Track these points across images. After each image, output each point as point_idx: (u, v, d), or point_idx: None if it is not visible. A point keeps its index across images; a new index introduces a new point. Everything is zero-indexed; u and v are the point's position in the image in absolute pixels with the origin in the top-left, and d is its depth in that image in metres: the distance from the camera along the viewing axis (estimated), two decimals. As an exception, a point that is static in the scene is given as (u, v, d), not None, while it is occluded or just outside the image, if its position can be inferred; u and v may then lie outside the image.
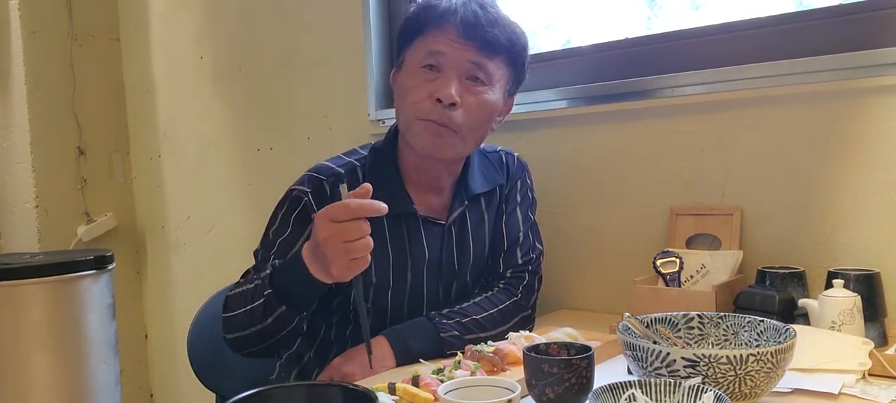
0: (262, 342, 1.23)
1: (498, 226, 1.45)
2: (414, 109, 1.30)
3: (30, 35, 2.60)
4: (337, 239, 1.03)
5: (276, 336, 1.21)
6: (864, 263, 1.30)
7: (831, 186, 1.35)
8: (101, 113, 2.78)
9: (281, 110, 2.29)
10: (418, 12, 1.34)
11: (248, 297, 1.21)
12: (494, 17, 1.31)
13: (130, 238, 2.86)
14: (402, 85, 1.34)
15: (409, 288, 1.36)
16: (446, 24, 1.29)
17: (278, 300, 1.16)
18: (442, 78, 1.29)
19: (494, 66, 1.32)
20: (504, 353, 1.15)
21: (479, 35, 1.29)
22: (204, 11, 2.49)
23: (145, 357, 2.92)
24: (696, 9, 1.65)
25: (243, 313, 1.21)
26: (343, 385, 0.91)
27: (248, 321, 1.21)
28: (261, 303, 1.18)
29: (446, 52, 1.29)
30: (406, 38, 1.35)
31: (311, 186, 1.31)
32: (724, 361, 0.87)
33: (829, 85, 1.34)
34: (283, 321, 1.18)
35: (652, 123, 1.56)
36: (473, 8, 1.30)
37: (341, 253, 1.04)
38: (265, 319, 1.18)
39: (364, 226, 1.04)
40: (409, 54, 1.34)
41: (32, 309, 0.99)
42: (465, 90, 1.30)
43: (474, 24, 1.28)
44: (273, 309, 1.17)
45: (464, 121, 1.29)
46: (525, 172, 1.51)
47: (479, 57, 1.30)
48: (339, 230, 1.03)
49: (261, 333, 1.21)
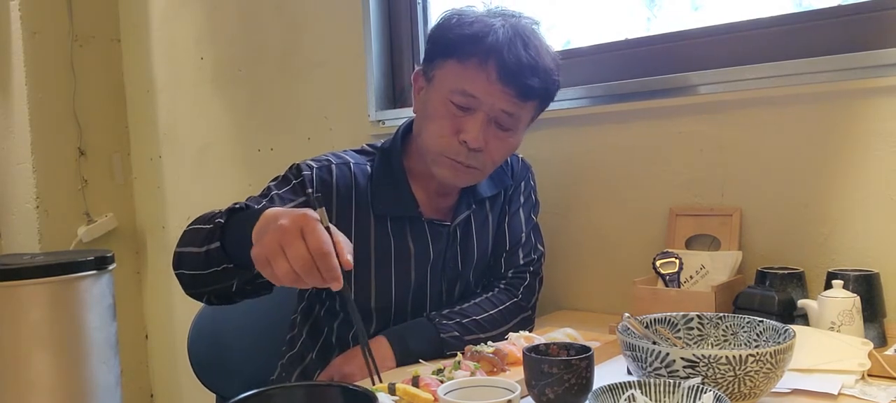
0: (192, 268, 1.14)
1: (501, 227, 1.45)
2: (439, 143, 1.27)
3: (30, 36, 2.61)
4: (282, 240, 0.93)
5: (201, 270, 1.12)
6: (864, 264, 1.30)
7: (831, 187, 1.36)
8: (102, 113, 2.79)
9: (281, 111, 2.29)
10: (461, 38, 1.26)
11: (206, 218, 1.15)
12: (534, 63, 1.25)
13: (131, 238, 2.86)
14: (429, 104, 1.30)
15: (412, 289, 1.36)
16: (488, 64, 1.23)
17: (221, 233, 1.09)
18: (471, 119, 1.25)
19: (525, 112, 1.30)
20: (504, 353, 1.15)
21: (517, 82, 1.24)
22: (204, 12, 2.49)
23: (145, 357, 2.92)
24: (696, 9, 1.65)
25: (194, 229, 1.16)
26: (343, 385, 0.91)
27: (191, 239, 1.14)
28: (208, 229, 1.11)
29: (481, 96, 1.24)
30: (440, 53, 1.29)
31: (317, 163, 1.31)
32: (723, 361, 0.87)
33: (829, 85, 1.34)
34: (214, 257, 1.10)
35: (652, 124, 1.56)
36: (517, 51, 1.23)
37: (270, 249, 0.94)
38: (201, 246, 1.11)
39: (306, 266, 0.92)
40: (440, 74, 1.29)
41: (32, 310, 0.99)
42: (491, 134, 1.27)
43: (516, 72, 1.23)
44: (212, 239, 1.09)
45: (486, 161, 1.29)
46: (529, 173, 1.52)
47: (513, 105, 1.26)
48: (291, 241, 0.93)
49: (192, 257, 1.13)
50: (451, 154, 1.27)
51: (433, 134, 1.28)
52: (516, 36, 1.25)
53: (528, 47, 1.25)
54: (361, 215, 1.31)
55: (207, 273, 1.12)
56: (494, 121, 1.27)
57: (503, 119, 1.27)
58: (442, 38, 1.29)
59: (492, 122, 1.27)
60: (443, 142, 1.27)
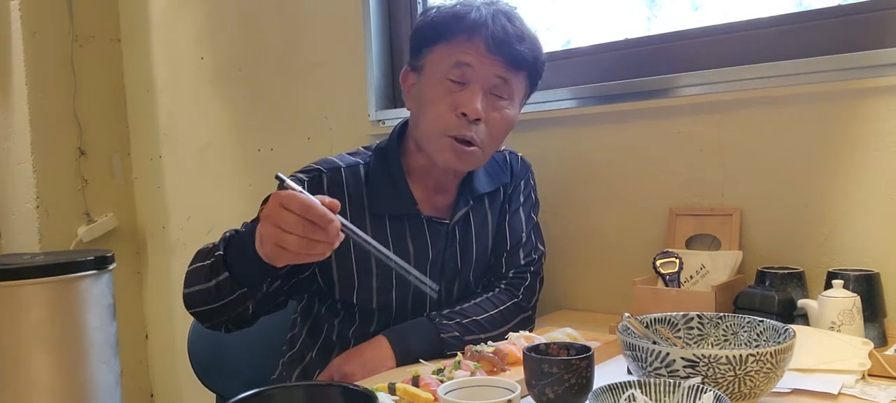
0: (205, 304, 1.21)
1: (501, 226, 1.45)
2: (438, 123, 1.29)
3: (30, 36, 2.61)
4: (272, 222, 1.01)
5: (215, 303, 1.19)
6: (864, 263, 1.30)
7: (831, 186, 1.36)
8: (102, 113, 2.79)
9: (281, 111, 2.29)
10: (444, 19, 1.31)
11: (203, 255, 1.21)
12: (521, 33, 1.31)
13: (131, 238, 2.86)
14: (423, 93, 1.33)
15: (412, 289, 1.36)
16: (476, 37, 1.28)
17: (224, 265, 1.15)
18: (467, 91, 1.28)
19: (517, 82, 1.33)
20: (504, 353, 1.15)
21: (508, 51, 1.29)
22: (204, 12, 2.49)
23: (146, 357, 2.92)
24: (696, 9, 1.65)
25: (196, 268, 1.21)
26: (343, 385, 0.92)
27: (195, 279, 1.20)
28: (209, 264, 1.17)
29: (474, 65, 1.28)
30: (427, 41, 1.33)
31: (308, 175, 1.31)
32: (723, 361, 0.87)
33: (829, 85, 1.34)
34: (225, 289, 1.16)
35: (652, 124, 1.56)
36: (502, 22, 1.29)
37: (272, 235, 1.01)
38: (208, 281, 1.17)
39: (301, 224, 0.99)
40: (430, 61, 1.32)
41: (33, 310, 0.99)
42: (488, 105, 1.30)
43: (504, 40, 1.28)
44: (218, 272, 1.16)
45: (486, 135, 1.30)
46: (529, 172, 1.52)
47: (506, 72, 1.30)
48: (278, 215, 1.00)
49: (202, 294, 1.19)
50: (453, 130, 1.28)
51: (432, 116, 1.30)
52: (498, 12, 1.31)
53: (512, 20, 1.31)
54: (357, 216, 1.31)
55: (221, 304, 1.18)
56: (490, 92, 1.30)
57: (498, 87, 1.31)
58: (425, 27, 1.34)
59: (487, 93, 1.30)
60: (442, 120, 1.29)
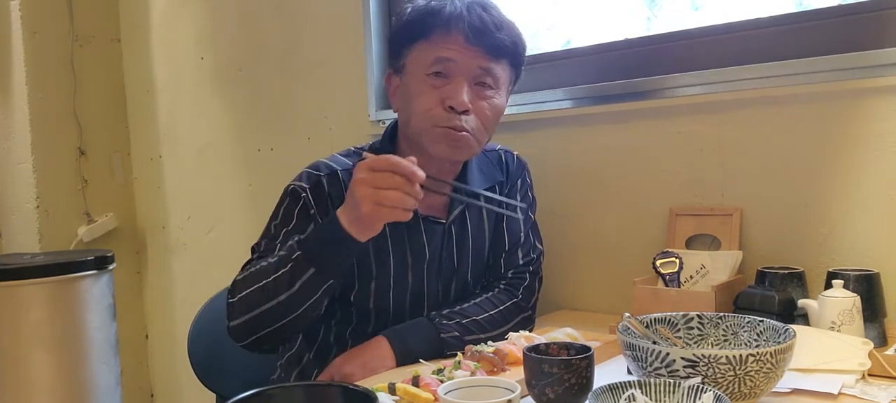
0: (278, 320, 1.20)
1: (498, 226, 1.45)
2: (427, 117, 1.29)
3: (31, 36, 2.61)
4: (368, 184, 1.10)
5: (295, 311, 1.18)
6: (864, 263, 1.30)
7: (831, 186, 1.36)
8: (102, 113, 2.79)
9: (281, 111, 2.29)
10: (420, 17, 1.32)
11: (267, 272, 1.19)
12: (499, 21, 1.31)
13: (131, 238, 2.86)
14: (408, 91, 1.33)
15: (410, 288, 1.36)
16: (454, 31, 1.28)
17: (308, 262, 1.16)
18: (452, 84, 1.29)
19: (501, 70, 1.33)
20: (504, 353, 1.15)
21: (487, 40, 1.29)
22: (204, 12, 2.49)
23: (145, 357, 2.92)
24: (696, 9, 1.65)
25: (258, 289, 1.19)
26: (343, 385, 0.92)
27: (265, 296, 1.18)
28: (287, 271, 1.17)
29: (456, 58, 1.28)
30: (405, 41, 1.34)
31: (309, 183, 1.31)
32: (723, 361, 0.87)
33: (829, 85, 1.34)
34: (310, 288, 1.17)
35: (652, 124, 1.56)
36: (478, 12, 1.29)
37: (370, 195, 1.10)
38: (290, 287, 1.16)
39: (397, 180, 1.10)
40: (411, 60, 1.33)
41: (33, 309, 0.99)
42: (474, 95, 1.30)
43: (482, 30, 1.28)
44: (301, 273, 1.16)
45: (476, 125, 1.30)
46: (525, 171, 1.52)
47: (488, 62, 1.30)
48: (372, 177, 1.10)
49: (278, 308, 1.18)
50: (442, 122, 1.29)
51: (420, 111, 1.30)
52: (473, 3, 1.31)
53: (488, 9, 1.31)
54: None
55: (299, 313, 1.19)
56: (474, 83, 1.30)
57: (482, 77, 1.31)
58: (402, 28, 1.35)
59: (473, 85, 1.30)
60: (430, 114, 1.29)
